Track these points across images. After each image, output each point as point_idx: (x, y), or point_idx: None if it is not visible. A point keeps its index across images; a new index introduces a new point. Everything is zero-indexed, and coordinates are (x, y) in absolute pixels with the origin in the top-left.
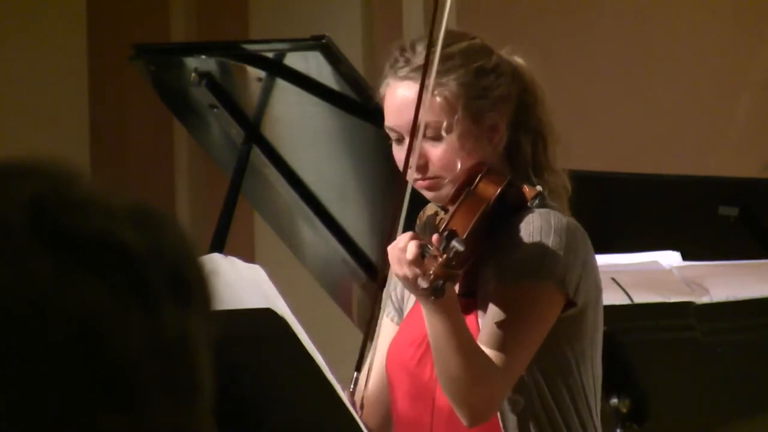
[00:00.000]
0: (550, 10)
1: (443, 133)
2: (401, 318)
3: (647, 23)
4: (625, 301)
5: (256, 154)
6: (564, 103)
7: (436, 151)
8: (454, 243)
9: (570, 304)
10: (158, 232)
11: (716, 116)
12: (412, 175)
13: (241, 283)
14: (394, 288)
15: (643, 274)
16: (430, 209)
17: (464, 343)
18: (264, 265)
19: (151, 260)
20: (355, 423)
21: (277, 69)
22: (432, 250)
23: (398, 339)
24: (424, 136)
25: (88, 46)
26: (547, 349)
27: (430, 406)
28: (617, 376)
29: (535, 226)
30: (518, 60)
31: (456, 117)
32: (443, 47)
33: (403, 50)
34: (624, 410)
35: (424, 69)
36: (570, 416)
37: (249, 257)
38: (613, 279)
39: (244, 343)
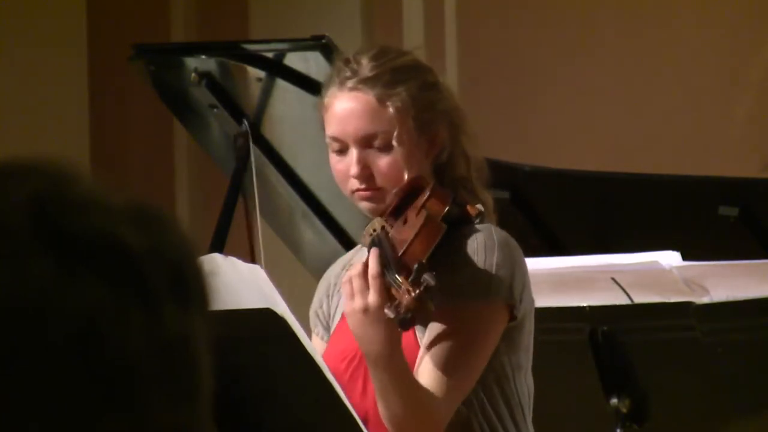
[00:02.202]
0: (550, 10)
1: (394, 143)
2: (329, 335)
3: (647, 23)
4: (625, 301)
5: (256, 154)
6: (564, 104)
7: (383, 162)
8: (427, 276)
9: (512, 317)
10: (158, 231)
11: (716, 116)
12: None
13: (241, 283)
14: (319, 305)
15: (643, 274)
16: (377, 224)
17: (405, 382)
18: (264, 265)
19: (151, 260)
20: (354, 423)
21: (277, 69)
22: (401, 282)
23: (328, 354)
24: (371, 146)
25: (88, 46)
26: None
27: (363, 420)
28: (617, 376)
29: (479, 243)
30: (445, 80)
31: (406, 128)
32: (392, 59)
33: (347, 62)
34: (624, 410)
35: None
36: (508, 425)
37: (249, 257)
38: (613, 279)
39: (244, 343)
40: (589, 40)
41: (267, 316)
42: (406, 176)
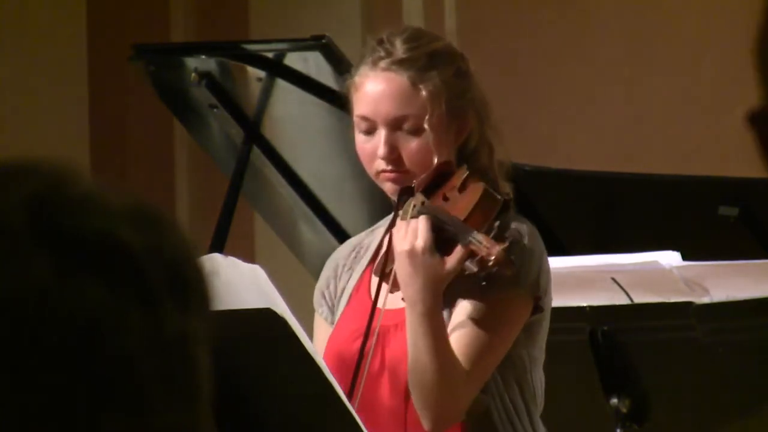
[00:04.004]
0: (550, 9)
1: (425, 127)
2: (334, 318)
3: (647, 23)
4: (625, 301)
5: (256, 154)
6: (564, 103)
7: (412, 145)
8: (510, 233)
9: (536, 309)
10: (157, 231)
11: (716, 116)
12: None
13: (241, 283)
14: (326, 286)
15: (643, 274)
16: (417, 199)
17: (443, 349)
18: (264, 265)
19: (150, 260)
20: (354, 423)
21: (277, 69)
22: (481, 239)
23: (337, 334)
24: (401, 129)
25: (88, 46)
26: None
27: (372, 402)
28: (617, 376)
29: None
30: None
31: (438, 113)
32: (427, 43)
33: (381, 42)
34: (624, 410)
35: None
36: (523, 417)
37: (249, 257)
38: (613, 279)
39: (244, 343)
40: (589, 41)
41: (267, 316)
42: (435, 161)
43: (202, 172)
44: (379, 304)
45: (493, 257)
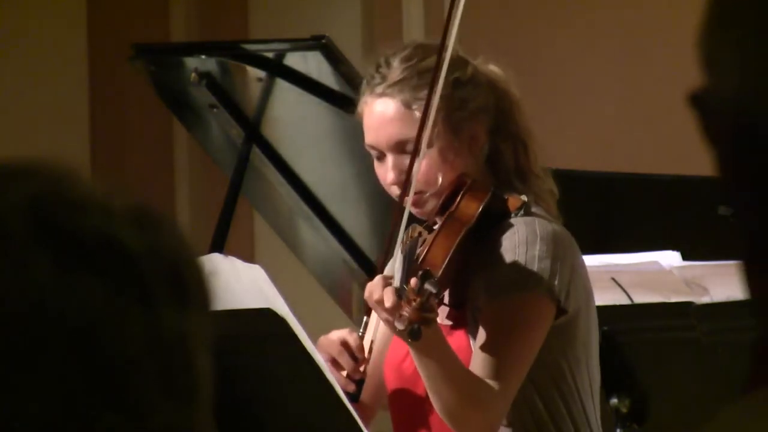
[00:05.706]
0: (550, 11)
1: (424, 148)
2: None
3: (647, 22)
4: (625, 301)
5: (256, 154)
6: (564, 103)
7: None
8: (428, 286)
9: (561, 311)
10: (157, 232)
11: None
12: (410, 195)
13: (241, 283)
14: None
15: (643, 274)
16: (414, 230)
17: (453, 373)
18: (264, 265)
19: (149, 260)
20: (354, 423)
21: (277, 69)
22: (407, 292)
23: (393, 353)
24: (405, 152)
25: (88, 46)
26: (538, 359)
27: (427, 417)
28: (617, 376)
29: (520, 236)
30: (492, 68)
31: (436, 131)
32: (421, 60)
33: (378, 66)
34: (624, 410)
35: (430, 90)
36: (563, 422)
37: (249, 257)
38: (613, 279)
39: (244, 343)
40: (589, 41)
41: (267, 316)
42: (441, 179)
43: (202, 172)
44: None
45: (407, 316)
